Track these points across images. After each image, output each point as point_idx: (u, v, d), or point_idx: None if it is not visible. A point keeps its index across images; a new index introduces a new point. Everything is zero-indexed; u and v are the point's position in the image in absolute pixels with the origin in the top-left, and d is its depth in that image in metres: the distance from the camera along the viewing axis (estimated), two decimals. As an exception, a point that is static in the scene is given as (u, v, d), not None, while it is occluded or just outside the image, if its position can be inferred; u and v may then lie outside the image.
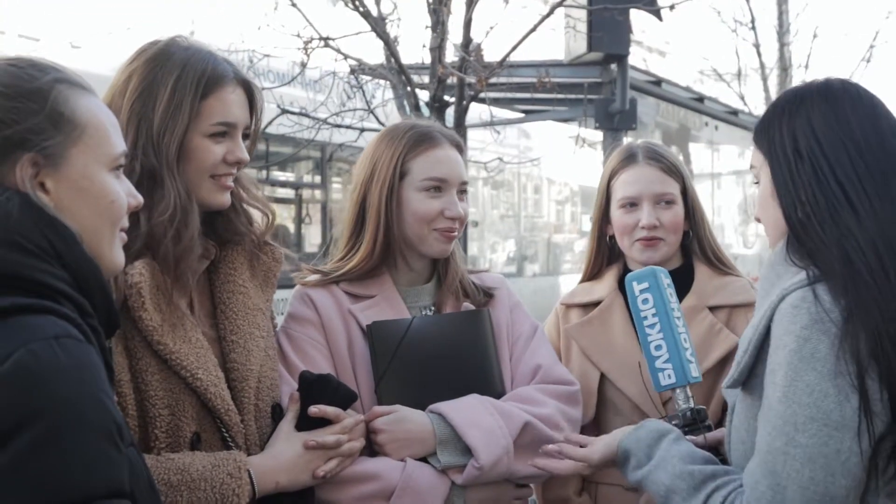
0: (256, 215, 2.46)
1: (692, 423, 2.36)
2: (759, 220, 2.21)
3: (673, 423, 2.32)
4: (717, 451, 2.28)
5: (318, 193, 13.11)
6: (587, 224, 3.10)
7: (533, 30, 7.81)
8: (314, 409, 2.32)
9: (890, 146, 2.00)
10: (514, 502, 2.59)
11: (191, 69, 2.21)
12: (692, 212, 3.02)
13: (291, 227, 12.75)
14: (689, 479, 2.02)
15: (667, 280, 2.55)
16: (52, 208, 1.57)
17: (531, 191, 18.99)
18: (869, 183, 1.95)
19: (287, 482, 2.22)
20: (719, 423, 2.52)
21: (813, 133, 2.00)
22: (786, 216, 2.02)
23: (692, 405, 2.41)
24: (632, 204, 2.97)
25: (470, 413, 2.46)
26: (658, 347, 2.46)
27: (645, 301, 2.50)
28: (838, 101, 2.04)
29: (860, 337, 1.83)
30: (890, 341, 1.83)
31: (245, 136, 2.33)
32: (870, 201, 1.94)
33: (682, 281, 2.92)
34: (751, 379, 2.00)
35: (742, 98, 19.97)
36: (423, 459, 2.45)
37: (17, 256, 1.50)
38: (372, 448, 2.46)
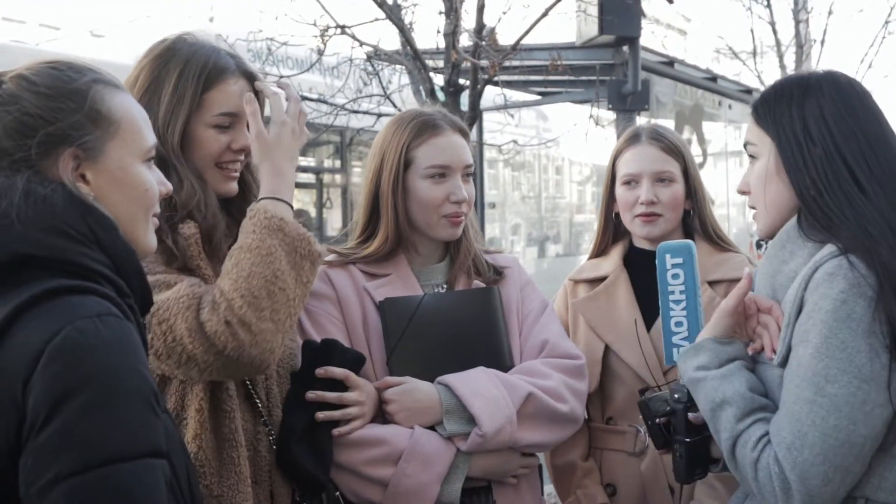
0: None
1: (692, 402, 2.36)
2: (743, 194, 2.32)
3: (675, 396, 2.37)
4: (701, 429, 2.33)
5: (338, 178, 13.25)
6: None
7: (545, 14, 7.86)
8: (321, 371, 2.46)
9: (889, 133, 2.16)
10: (520, 470, 2.68)
11: (194, 63, 2.34)
12: (694, 191, 3.14)
13: (313, 211, 12.90)
14: (749, 402, 2.09)
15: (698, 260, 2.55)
16: (92, 198, 1.70)
17: (552, 171, 19.03)
18: (876, 168, 2.09)
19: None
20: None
21: (824, 119, 2.13)
22: (799, 193, 2.14)
23: None
24: (633, 181, 3.11)
25: (475, 384, 2.56)
26: (679, 324, 2.48)
27: (675, 276, 2.49)
28: (847, 93, 2.18)
29: (892, 301, 1.96)
30: None
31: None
32: (879, 183, 2.07)
33: None
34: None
35: (759, 76, 19.91)
36: (432, 428, 2.55)
37: (63, 242, 1.62)
38: (382, 418, 2.57)
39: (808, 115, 2.15)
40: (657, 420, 2.41)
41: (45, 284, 1.57)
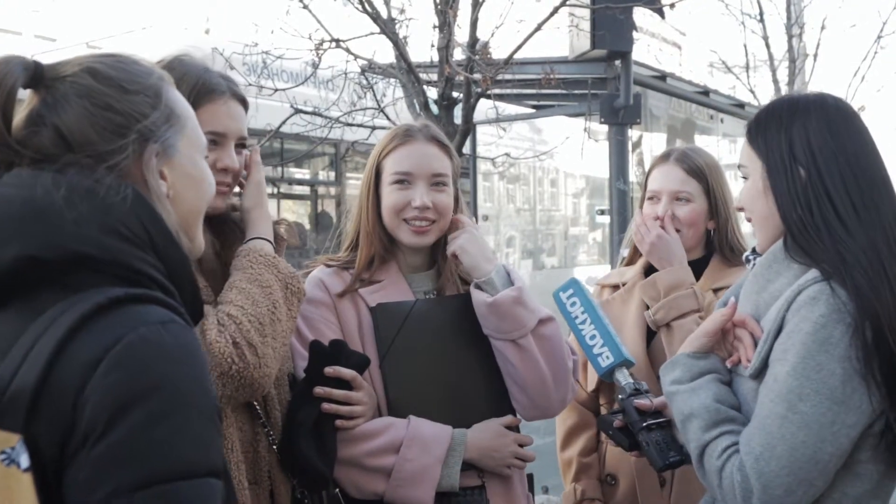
0: None
1: (636, 394, 2.54)
2: (740, 210, 2.42)
3: (619, 396, 2.53)
4: (661, 413, 2.48)
5: (332, 190, 13.31)
6: (597, 217, 3.31)
7: (537, 29, 7.91)
8: (329, 370, 2.54)
9: (873, 162, 2.22)
10: (513, 460, 2.75)
11: (183, 83, 2.33)
12: (717, 210, 3.31)
13: (307, 224, 12.95)
14: (713, 413, 2.20)
15: (586, 287, 2.77)
16: (162, 198, 1.65)
17: (547, 184, 19.09)
18: (855, 193, 2.15)
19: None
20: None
21: (808, 143, 2.20)
22: (783, 216, 2.22)
23: (633, 380, 2.59)
24: (655, 197, 3.34)
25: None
26: (592, 338, 2.64)
27: (573, 304, 2.71)
28: (832, 116, 2.23)
29: (867, 328, 2.04)
30: (893, 335, 2.05)
31: (241, 146, 2.49)
32: (854, 209, 2.14)
33: (699, 270, 3.28)
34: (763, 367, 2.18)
35: (752, 91, 20.00)
36: (424, 414, 2.68)
37: (119, 243, 1.54)
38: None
39: (793, 138, 2.22)
40: (613, 425, 2.54)
41: (109, 293, 1.49)
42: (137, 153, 1.63)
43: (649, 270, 3.33)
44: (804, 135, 2.21)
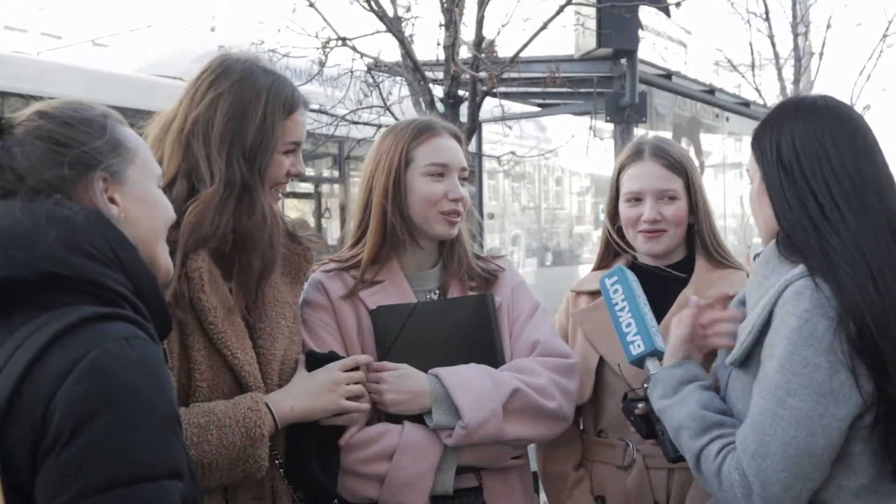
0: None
1: None
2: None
3: (644, 385, 2.56)
4: None
5: (337, 188, 13.30)
6: (602, 215, 3.22)
7: (543, 27, 7.92)
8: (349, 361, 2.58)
9: (867, 162, 2.22)
10: (510, 461, 2.76)
11: (276, 94, 2.47)
12: (696, 207, 3.13)
13: (312, 221, 12.94)
14: (700, 421, 2.25)
15: (632, 276, 2.77)
16: (121, 218, 1.79)
17: (552, 182, 19.09)
18: (840, 196, 2.17)
19: (301, 408, 2.46)
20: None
21: (794, 147, 2.23)
22: (777, 217, 2.26)
23: None
24: (636, 198, 3.11)
25: (462, 377, 2.63)
26: (628, 325, 2.66)
27: (615, 291, 2.73)
28: (820, 118, 2.25)
29: (850, 322, 2.06)
30: (877, 329, 2.06)
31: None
32: (840, 212, 2.16)
33: (684, 272, 3.12)
34: (749, 359, 2.23)
35: (758, 89, 20.01)
36: (420, 420, 2.64)
37: (87, 263, 1.68)
38: (374, 409, 2.65)
39: (782, 141, 2.26)
40: (635, 411, 2.57)
41: (80, 312, 1.62)
42: (84, 179, 1.78)
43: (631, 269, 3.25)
44: (790, 137, 2.25)
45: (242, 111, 2.43)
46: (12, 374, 1.57)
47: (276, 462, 2.47)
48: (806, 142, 2.23)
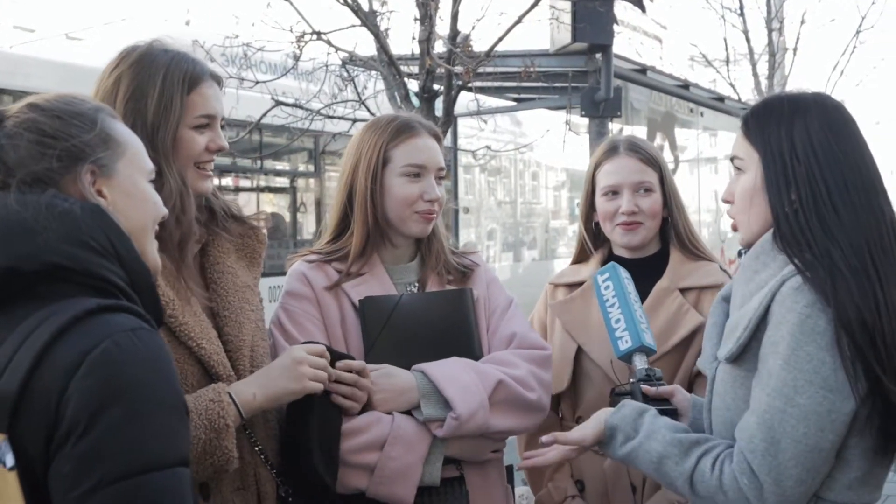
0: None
1: (647, 379, 2.61)
2: (727, 203, 2.43)
3: (630, 380, 2.60)
4: (667, 401, 2.56)
5: (312, 182, 13.27)
6: (577, 209, 3.25)
7: (518, 21, 7.94)
8: (341, 364, 2.55)
9: (870, 162, 2.25)
10: (489, 455, 2.79)
11: (175, 69, 2.44)
12: (670, 200, 3.22)
13: (287, 216, 12.92)
14: (679, 445, 2.25)
15: (624, 273, 2.87)
16: (111, 211, 1.80)
17: (528, 177, 19.12)
18: (854, 192, 2.18)
19: (264, 393, 2.40)
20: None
21: (810, 141, 2.21)
22: (773, 210, 2.24)
23: (647, 367, 2.66)
24: (613, 192, 3.19)
25: (449, 370, 2.65)
26: (617, 321, 2.74)
27: (607, 287, 2.84)
28: (833, 118, 2.26)
29: (844, 318, 2.07)
30: (862, 331, 2.07)
31: (221, 126, 2.56)
32: (853, 207, 2.17)
33: (658, 265, 3.19)
34: (743, 353, 2.22)
35: (732, 84, 20.12)
36: (408, 414, 2.64)
37: (87, 254, 1.70)
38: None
39: (795, 134, 2.24)
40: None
41: (84, 305, 1.64)
42: (72, 173, 1.79)
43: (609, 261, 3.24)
44: (805, 133, 2.24)
45: (141, 91, 2.41)
46: (21, 367, 1.59)
47: (257, 449, 2.47)
48: (822, 136, 2.23)
